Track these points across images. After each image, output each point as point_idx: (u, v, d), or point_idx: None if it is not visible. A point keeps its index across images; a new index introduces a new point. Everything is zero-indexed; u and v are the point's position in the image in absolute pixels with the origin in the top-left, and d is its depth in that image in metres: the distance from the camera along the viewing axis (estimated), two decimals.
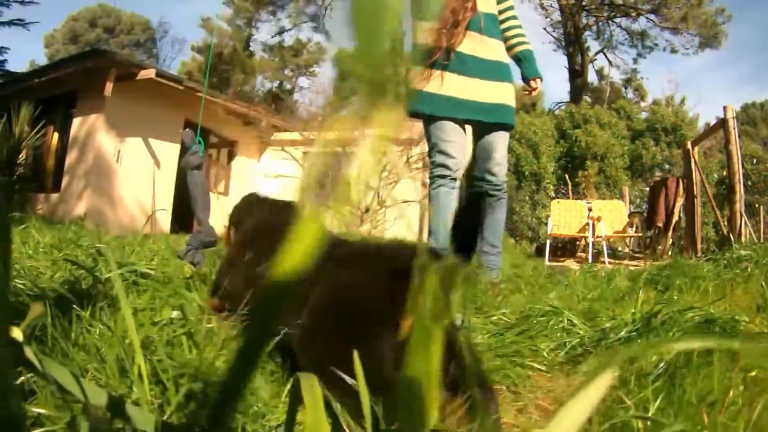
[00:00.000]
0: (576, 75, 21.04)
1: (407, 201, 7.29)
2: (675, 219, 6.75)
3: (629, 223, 7.46)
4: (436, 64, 2.28)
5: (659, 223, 6.89)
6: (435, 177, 2.35)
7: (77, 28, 29.90)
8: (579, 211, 7.52)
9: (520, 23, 2.53)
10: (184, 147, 1.99)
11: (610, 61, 22.52)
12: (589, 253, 6.68)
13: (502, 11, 2.48)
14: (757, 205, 9.12)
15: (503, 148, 2.42)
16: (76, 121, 7.82)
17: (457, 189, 2.34)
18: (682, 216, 6.69)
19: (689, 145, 5.96)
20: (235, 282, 1.15)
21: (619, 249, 8.81)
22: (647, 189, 9.85)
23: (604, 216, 6.92)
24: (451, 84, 2.29)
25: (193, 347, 0.85)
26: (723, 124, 4.81)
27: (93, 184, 7.43)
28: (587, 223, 7.07)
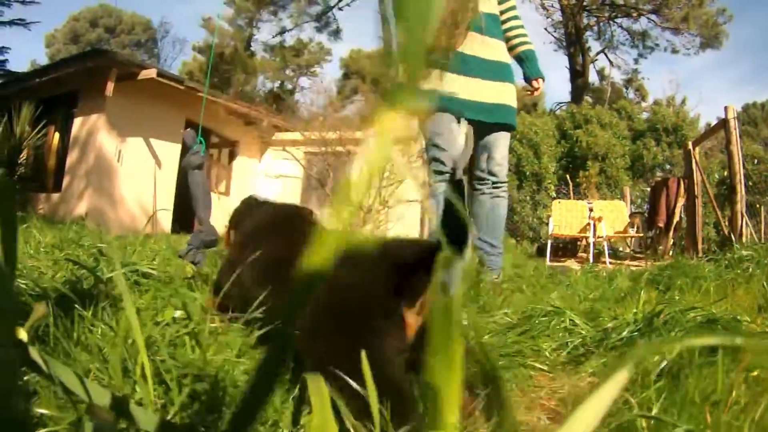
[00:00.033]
0: (577, 75, 21.00)
1: (409, 201, 7.28)
2: (676, 219, 6.74)
3: (630, 224, 7.46)
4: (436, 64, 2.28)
5: (660, 224, 6.89)
6: (432, 173, 2.36)
7: (78, 28, 29.91)
8: (580, 211, 7.52)
9: (522, 23, 2.53)
10: (185, 147, 1.99)
11: (611, 61, 22.49)
12: (590, 253, 6.67)
13: (503, 11, 2.48)
14: (758, 205, 9.13)
15: (504, 149, 2.42)
16: (77, 120, 7.83)
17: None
18: (683, 216, 6.68)
19: (690, 146, 5.95)
20: (235, 282, 1.16)
21: (620, 249, 8.80)
22: (648, 189, 9.85)
23: (605, 216, 6.92)
24: (451, 84, 2.29)
25: (196, 347, 0.85)
26: (724, 124, 4.80)
27: (94, 183, 7.43)
28: (588, 224, 7.07)
